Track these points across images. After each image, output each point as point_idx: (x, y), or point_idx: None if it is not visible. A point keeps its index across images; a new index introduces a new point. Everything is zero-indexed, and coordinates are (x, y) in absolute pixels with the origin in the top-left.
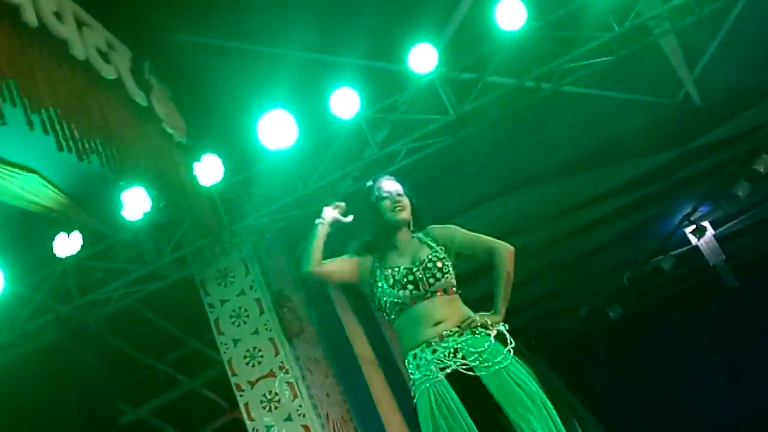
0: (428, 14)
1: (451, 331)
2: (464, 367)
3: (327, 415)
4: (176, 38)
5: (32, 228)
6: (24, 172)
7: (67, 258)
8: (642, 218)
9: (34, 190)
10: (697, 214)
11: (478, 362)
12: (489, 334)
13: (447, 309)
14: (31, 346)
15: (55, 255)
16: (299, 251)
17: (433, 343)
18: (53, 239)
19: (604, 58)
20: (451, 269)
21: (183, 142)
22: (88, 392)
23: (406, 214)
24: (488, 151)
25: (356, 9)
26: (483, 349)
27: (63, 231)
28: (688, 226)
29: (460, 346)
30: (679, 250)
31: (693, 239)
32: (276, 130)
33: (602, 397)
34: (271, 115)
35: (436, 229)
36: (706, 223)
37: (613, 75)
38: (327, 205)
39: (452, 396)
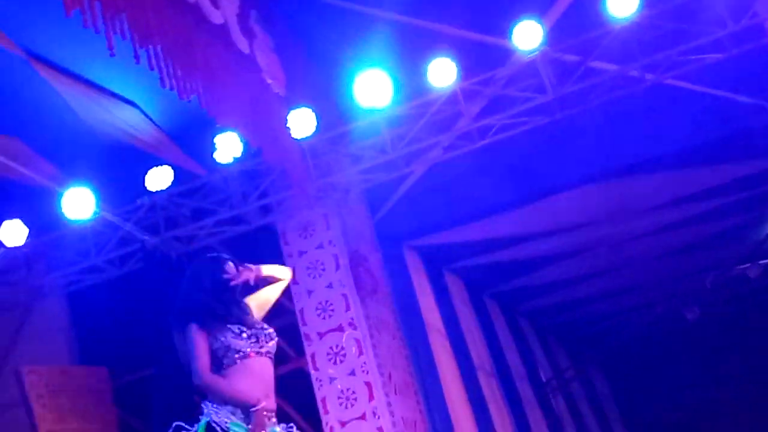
0: None
1: None
2: None
3: (390, 375)
4: None
5: (127, 160)
6: (126, 105)
7: (157, 192)
8: (734, 223)
9: (133, 123)
10: None
11: None
12: None
13: None
14: (115, 273)
15: (146, 188)
16: (381, 213)
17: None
18: (146, 173)
19: (715, 55)
20: None
21: (280, 93)
22: (165, 322)
23: None
24: (584, 137)
25: None
26: None
27: (156, 166)
28: None
29: None
30: None
31: None
32: (372, 89)
33: (667, 396)
34: (369, 74)
35: None
36: None
37: (721, 73)
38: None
39: None
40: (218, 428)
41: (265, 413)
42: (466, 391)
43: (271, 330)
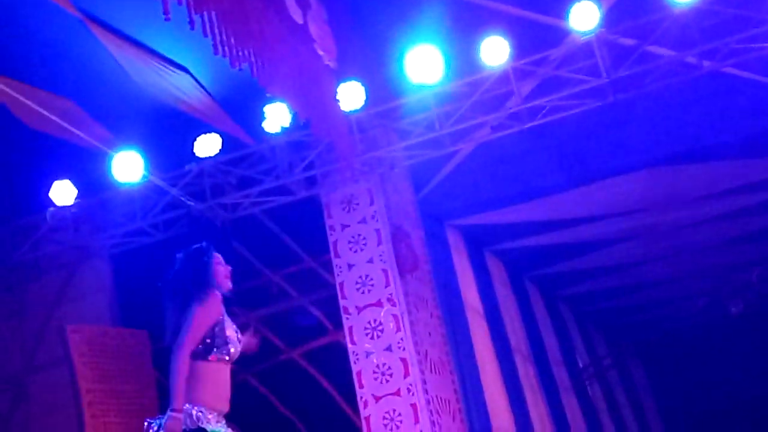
0: None
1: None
2: None
3: (426, 352)
4: None
5: (177, 125)
6: (177, 71)
7: (205, 159)
8: None
9: (184, 89)
10: None
11: None
12: None
13: None
14: (160, 237)
15: (194, 154)
16: (425, 190)
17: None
18: (195, 139)
19: None
20: None
21: (331, 65)
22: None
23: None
24: (636, 122)
25: None
26: None
27: (205, 133)
28: None
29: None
30: None
31: None
32: (423, 65)
33: (704, 390)
34: (420, 49)
35: None
36: None
37: None
38: None
39: None
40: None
41: (218, 416)
42: (502, 374)
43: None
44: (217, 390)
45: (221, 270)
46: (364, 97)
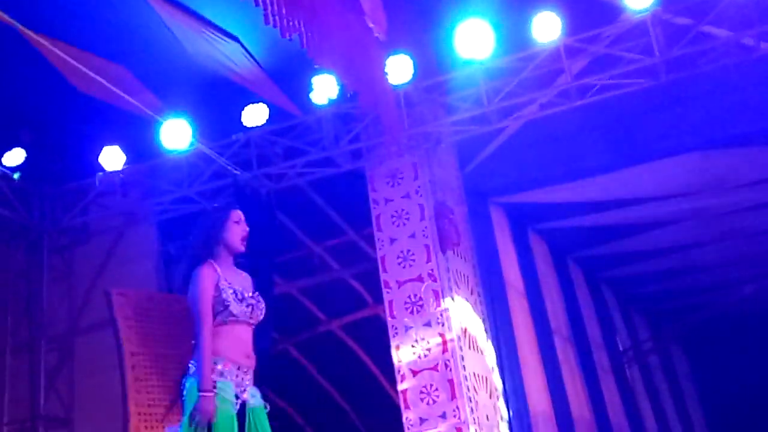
0: None
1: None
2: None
3: (465, 329)
4: None
5: (225, 94)
6: (228, 40)
7: (252, 128)
8: None
9: (234, 58)
10: None
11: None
12: None
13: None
14: (206, 205)
15: (242, 124)
16: (470, 167)
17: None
18: (242, 109)
19: None
20: None
21: (380, 37)
22: (249, 257)
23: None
24: (689, 103)
25: None
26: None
27: (253, 102)
28: None
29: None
30: None
31: None
32: (472, 40)
33: (747, 379)
34: (470, 23)
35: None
36: None
37: None
38: None
39: None
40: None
41: (237, 370)
42: (541, 354)
43: (263, 305)
44: (229, 343)
45: (236, 229)
46: (412, 71)
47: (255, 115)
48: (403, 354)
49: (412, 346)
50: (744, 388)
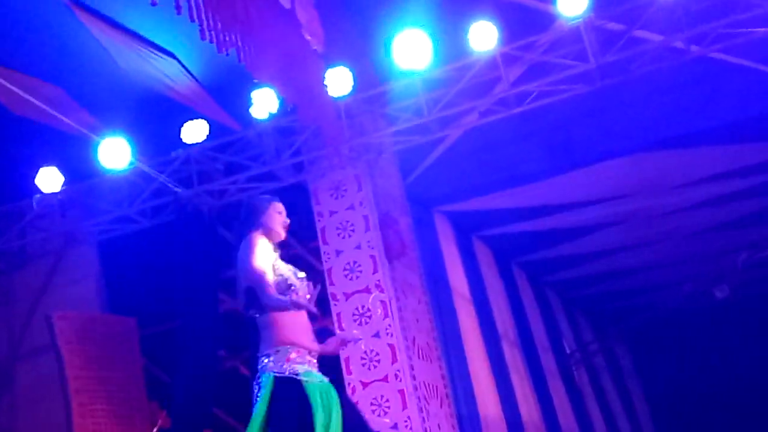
0: None
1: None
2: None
3: (414, 338)
4: None
5: (164, 111)
6: (164, 56)
7: (192, 145)
8: None
9: (171, 75)
10: None
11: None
12: None
13: None
14: (147, 224)
15: (181, 140)
16: (413, 176)
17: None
18: (182, 125)
19: (763, 29)
20: None
21: (319, 50)
22: (193, 275)
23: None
24: (624, 108)
25: None
26: None
27: (192, 119)
28: None
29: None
30: None
31: None
32: (410, 50)
33: (691, 375)
34: (408, 34)
35: None
36: None
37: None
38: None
39: None
40: (286, 377)
41: (308, 355)
42: (489, 359)
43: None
44: (297, 328)
45: (278, 218)
46: (351, 83)
47: (194, 131)
48: (353, 366)
49: (362, 359)
50: (686, 382)
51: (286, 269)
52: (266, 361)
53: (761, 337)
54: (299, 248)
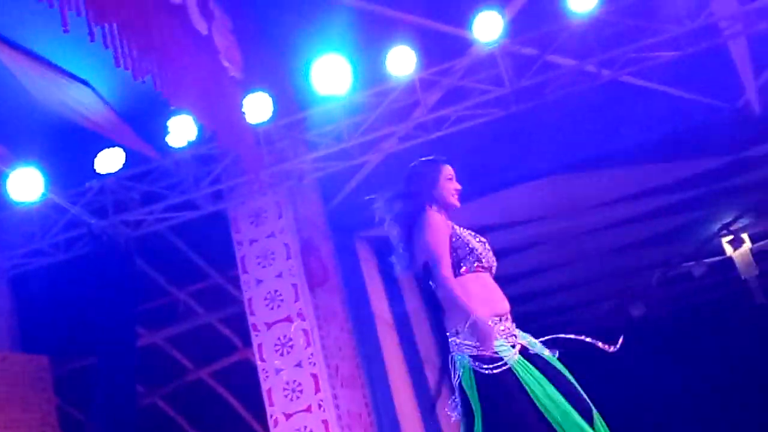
0: None
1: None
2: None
3: (337, 367)
4: None
5: (77, 140)
6: (78, 84)
7: (107, 175)
8: (682, 221)
9: (85, 103)
10: (737, 225)
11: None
12: None
13: None
14: (61, 257)
15: (96, 170)
16: (334, 202)
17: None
18: (96, 154)
19: (670, 53)
20: None
21: (237, 76)
22: (110, 309)
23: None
24: (540, 131)
25: None
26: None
27: (107, 148)
28: (726, 235)
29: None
30: (713, 259)
31: (729, 249)
32: (330, 76)
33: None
34: (327, 59)
35: None
36: (744, 236)
37: (675, 71)
38: None
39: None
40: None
41: (499, 321)
42: (413, 384)
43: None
44: (486, 295)
45: (448, 186)
46: (271, 109)
47: (110, 160)
48: (276, 398)
49: (284, 389)
50: (605, 401)
51: (466, 234)
52: (457, 338)
53: (676, 354)
54: (218, 277)
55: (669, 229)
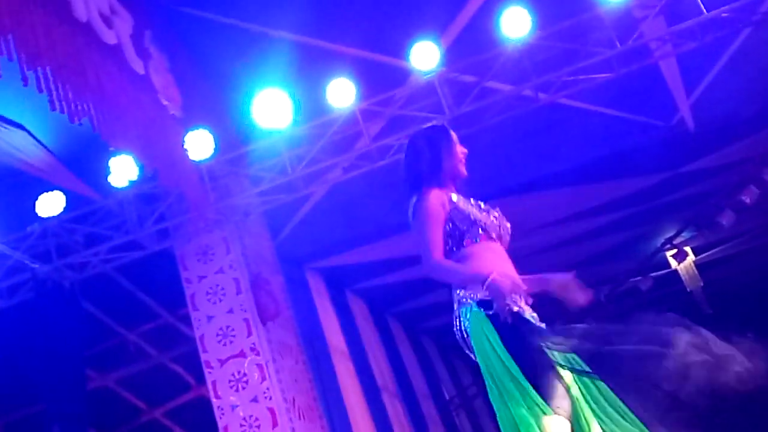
0: (432, 12)
1: None
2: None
3: (293, 400)
4: (178, 10)
5: (16, 185)
6: (13, 128)
7: (48, 218)
8: (625, 237)
9: (21, 147)
10: (680, 239)
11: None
12: None
13: None
14: (4, 304)
15: (37, 214)
16: (282, 235)
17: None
18: (36, 198)
19: (604, 75)
20: None
21: (176, 114)
22: (58, 354)
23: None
24: (481, 156)
25: None
26: None
27: (47, 191)
28: (669, 249)
29: None
30: (659, 273)
31: (673, 263)
32: (270, 109)
33: None
34: (267, 94)
35: None
36: (687, 249)
37: (610, 92)
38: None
39: None
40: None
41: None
42: (371, 413)
43: (508, 224)
44: (498, 261)
45: (456, 152)
46: (213, 145)
47: (50, 203)
48: None
49: (241, 425)
50: None
51: (467, 206)
52: (461, 293)
53: None
54: (168, 316)
55: (613, 246)
